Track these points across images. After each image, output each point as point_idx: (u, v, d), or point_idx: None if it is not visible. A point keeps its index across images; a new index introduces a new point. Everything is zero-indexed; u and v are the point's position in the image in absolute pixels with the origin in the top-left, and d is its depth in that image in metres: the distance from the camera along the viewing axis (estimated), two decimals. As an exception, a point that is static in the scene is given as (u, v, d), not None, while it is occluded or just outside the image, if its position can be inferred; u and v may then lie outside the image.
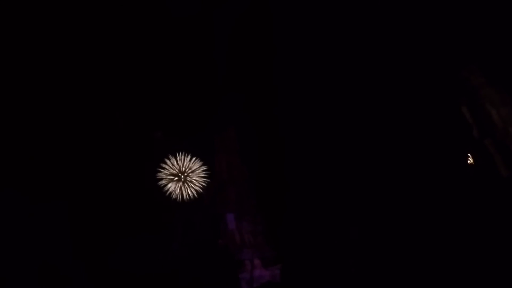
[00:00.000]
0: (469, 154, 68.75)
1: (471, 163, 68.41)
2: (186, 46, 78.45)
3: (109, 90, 77.73)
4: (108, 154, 76.25)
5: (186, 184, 75.24)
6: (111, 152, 76.65)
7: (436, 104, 71.61)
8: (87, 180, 72.55)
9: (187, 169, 75.90)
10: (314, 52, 77.33)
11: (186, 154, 76.73)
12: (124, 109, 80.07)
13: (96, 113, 76.99)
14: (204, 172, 75.34)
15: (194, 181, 75.74)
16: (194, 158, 76.32)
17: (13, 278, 60.31)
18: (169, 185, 74.99)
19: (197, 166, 75.82)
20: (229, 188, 69.37)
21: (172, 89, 79.23)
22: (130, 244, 72.52)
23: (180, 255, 67.95)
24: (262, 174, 72.34)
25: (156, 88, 79.72)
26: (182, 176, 74.95)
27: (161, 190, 76.49)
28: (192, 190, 74.97)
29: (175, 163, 76.70)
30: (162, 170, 75.62)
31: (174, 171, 75.83)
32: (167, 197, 76.70)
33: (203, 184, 74.56)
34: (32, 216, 66.49)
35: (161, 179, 75.07)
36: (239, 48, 78.13)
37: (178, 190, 75.31)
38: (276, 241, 66.54)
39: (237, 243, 64.89)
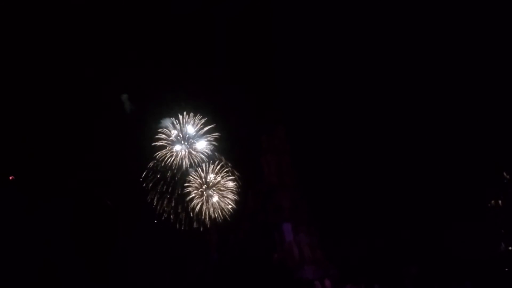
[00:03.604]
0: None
1: None
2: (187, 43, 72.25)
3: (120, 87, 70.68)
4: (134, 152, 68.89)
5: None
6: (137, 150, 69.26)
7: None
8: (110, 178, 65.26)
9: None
10: (316, 46, 72.89)
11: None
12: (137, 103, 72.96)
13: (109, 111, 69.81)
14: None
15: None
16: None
17: (13, 277, 53.51)
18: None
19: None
20: (281, 194, 61.01)
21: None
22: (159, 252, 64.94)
23: (221, 267, 59.39)
24: (315, 178, 64.41)
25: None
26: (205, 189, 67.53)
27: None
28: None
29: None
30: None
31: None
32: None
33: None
34: (32, 214, 59.56)
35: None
36: (239, 44, 72.69)
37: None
38: (337, 256, 58.53)
39: (295, 258, 56.50)
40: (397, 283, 55.04)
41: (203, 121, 71.07)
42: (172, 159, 70.34)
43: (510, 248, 63.83)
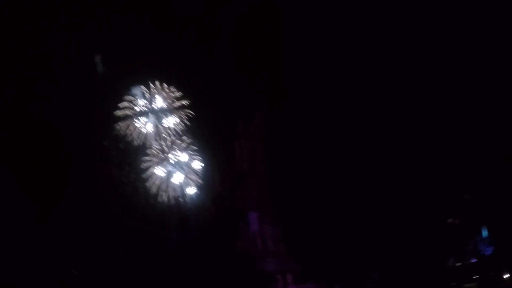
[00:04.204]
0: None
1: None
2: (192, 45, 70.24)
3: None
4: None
5: None
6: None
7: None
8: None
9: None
10: (323, 45, 72.15)
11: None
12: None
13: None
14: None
15: None
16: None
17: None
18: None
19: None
20: (250, 181, 59.34)
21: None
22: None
23: (179, 249, 56.94)
24: (287, 171, 63.10)
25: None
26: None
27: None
28: None
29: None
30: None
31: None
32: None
33: None
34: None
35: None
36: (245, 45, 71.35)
37: None
38: (300, 252, 57.59)
39: (258, 249, 55.20)
40: (358, 285, 54.98)
41: (176, 95, 68.33)
42: (138, 130, 67.49)
43: (457, 264, 65.45)
